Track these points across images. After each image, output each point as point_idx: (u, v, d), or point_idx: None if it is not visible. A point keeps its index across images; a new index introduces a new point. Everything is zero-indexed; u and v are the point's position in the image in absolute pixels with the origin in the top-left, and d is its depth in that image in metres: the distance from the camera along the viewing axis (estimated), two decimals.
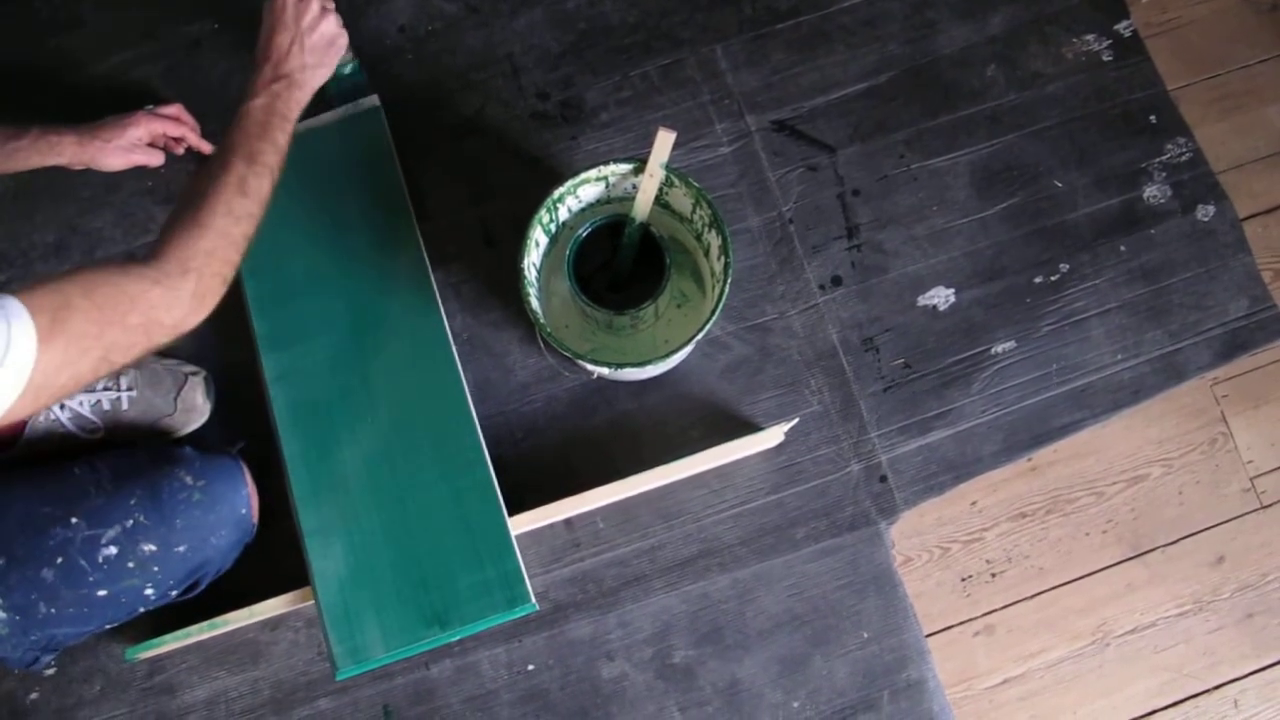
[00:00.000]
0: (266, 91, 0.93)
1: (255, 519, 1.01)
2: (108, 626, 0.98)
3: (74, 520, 0.93)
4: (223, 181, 0.85)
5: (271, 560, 1.05)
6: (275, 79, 0.95)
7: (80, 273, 0.74)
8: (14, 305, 0.67)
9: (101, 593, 0.93)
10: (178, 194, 0.99)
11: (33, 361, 0.67)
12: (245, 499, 0.99)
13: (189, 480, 0.96)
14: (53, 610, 0.92)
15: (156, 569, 0.94)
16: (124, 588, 0.94)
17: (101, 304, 0.73)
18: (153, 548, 0.93)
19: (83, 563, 0.92)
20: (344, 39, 1.03)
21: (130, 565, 0.93)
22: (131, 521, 0.93)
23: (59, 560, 0.92)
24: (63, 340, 0.69)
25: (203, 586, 0.99)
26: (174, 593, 0.97)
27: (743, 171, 1.16)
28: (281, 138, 0.92)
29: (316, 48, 0.99)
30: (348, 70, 1.13)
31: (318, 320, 1.09)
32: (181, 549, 0.94)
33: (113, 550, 0.92)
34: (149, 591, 0.95)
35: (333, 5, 1.01)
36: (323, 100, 1.12)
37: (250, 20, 1.22)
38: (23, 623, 0.92)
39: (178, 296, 0.78)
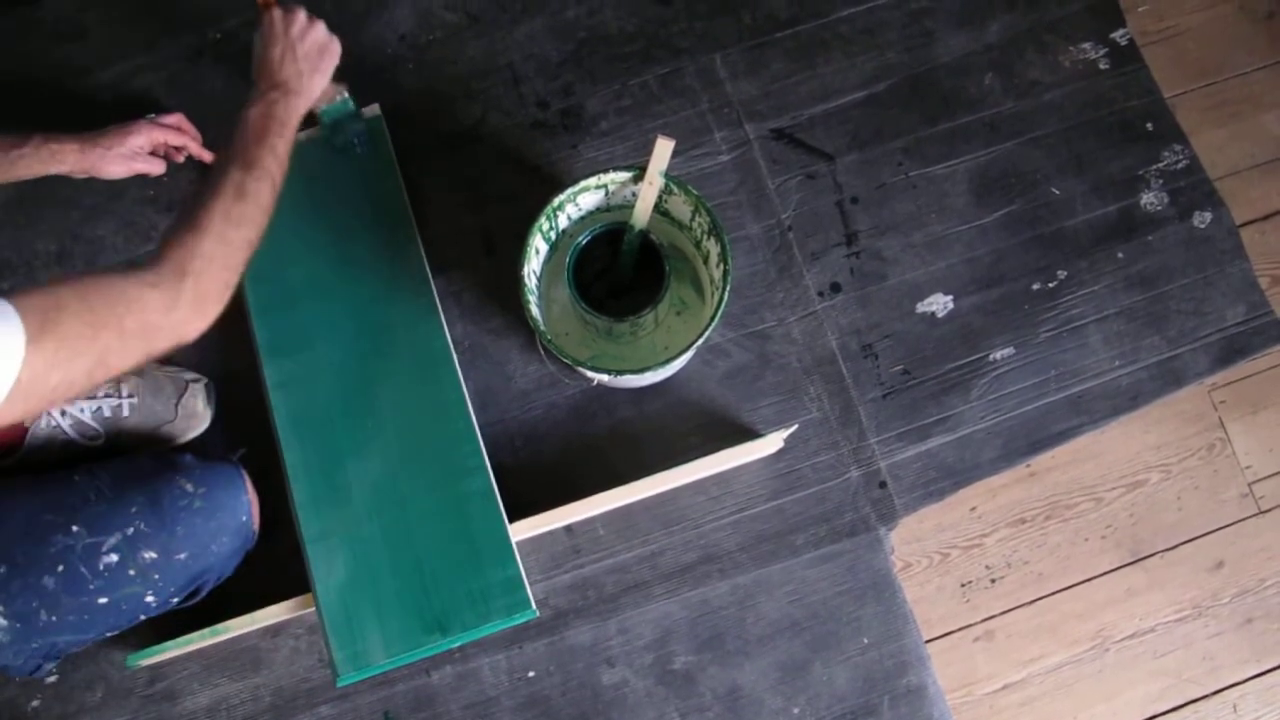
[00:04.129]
0: (263, 101, 0.94)
1: (256, 526, 1.01)
2: (109, 634, 0.98)
3: (75, 528, 0.93)
4: (220, 187, 0.85)
5: (273, 567, 1.05)
6: (271, 88, 0.96)
7: (76, 276, 0.74)
8: (1, 305, 0.66)
9: (102, 600, 0.93)
10: (180, 205, 0.99)
11: (20, 361, 0.66)
12: (246, 506, 0.99)
13: (190, 488, 0.96)
14: (54, 618, 0.92)
15: (157, 576, 0.94)
16: (125, 595, 0.94)
17: (95, 306, 0.72)
18: (153, 555, 0.93)
19: (84, 570, 0.92)
20: (336, 45, 1.03)
21: (131, 573, 0.93)
22: (132, 529, 0.93)
23: (60, 568, 0.92)
24: (53, 341, 0.68)
25: (204, 594, 0.99)
26: (175, 600, 0.97)
27: (742, 179, 1.16)
28: (280, 144, 0.92)
29: (309, 55, 1.00)
30: (338, 104, 1.12)
31: (319, 328, 1.09)
32: (182, 556, 0.95)
33: (114, 558, 0.92)
34: (150, 599, 0.95)
35: (321, 20, 1.02)
36: (311, 121, 1.12)
37: (252, 29, 1.22)
38: (24, 630, 0.92)
39: (176, 300, 0.78)
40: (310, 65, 1.00)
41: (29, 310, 0.67)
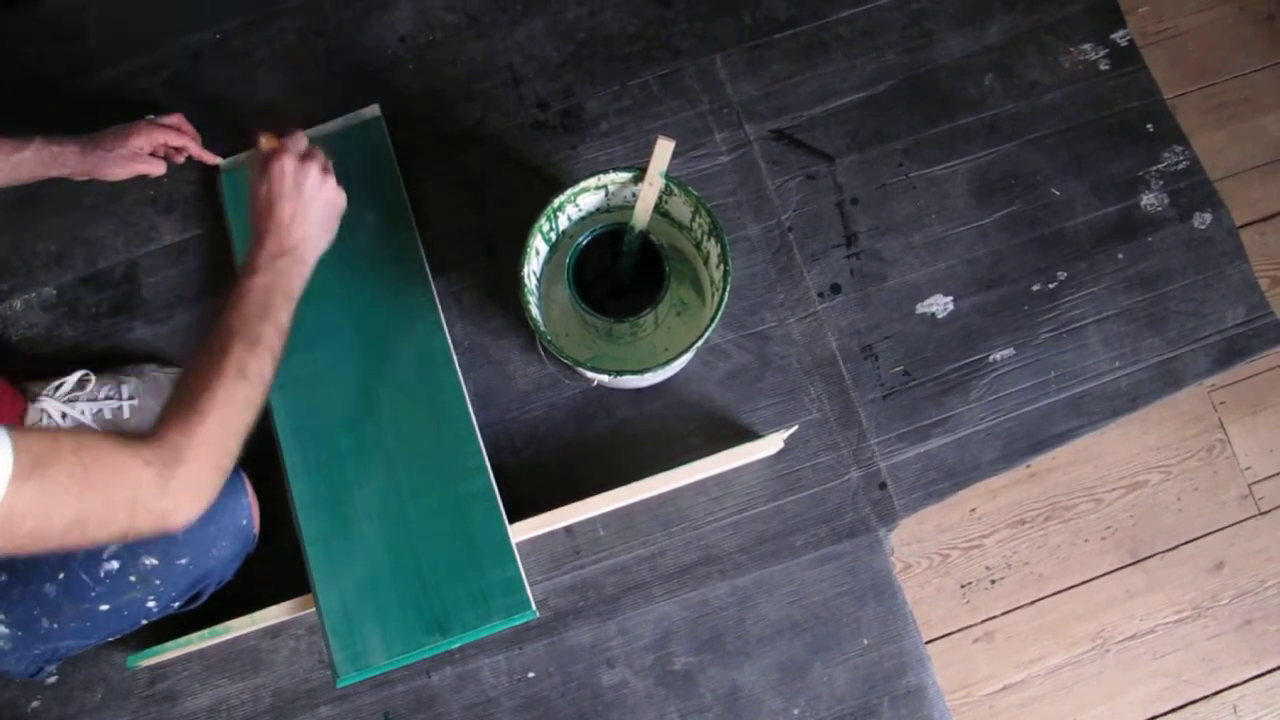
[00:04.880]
0: (270, 268, 0.89)
1: (256, 529, 1.01)
2: (110, 638, 0.98)
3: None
4: (222, 368, 0.81)
5: (273, 568, 1.05)
6: (279, 254, 0.90)
7: (80, 432, 0.73)
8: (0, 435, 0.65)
9: (104, 607, 0.93)
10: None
11: (1, 494, 0.64)
12: (246, 509, 0.99)
13: None
14: (55, 625, 0.92)
15: (158, 581, 0.94)
16: (126, 601, 0.94)
17: (89, 465, 0.69)
18: (154, 561, 0.93)
19: (84, 577, 0.92)
20: (343, 202, 0.98)
21: (132, 579, 0.93)
22: None
23: (60, 575, 0.92)
24: (38, 485, 0.66)
25: (205, 597, 0.99)
26: (176, 604, 0.97)
27: (742, 180, 1.17)
28: (284, 316, 0.88)
29: (320, 217, 0.94)
30: None
31: (319, 328, 1.09)
32: (183, 561, 0.94)
33: (114, 564, 0.92)
34: (151, 604, 0.95)
35: (331, 168, 0.97)
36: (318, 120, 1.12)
37: (252, 30, 1.23)
38: (25, 638, 0.92)
39: (167, 486, 0.74)
40: (320, 229, 0.94)
41: (24, 449, 0.66)
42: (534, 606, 1.01)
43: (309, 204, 0.92)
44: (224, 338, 0.84)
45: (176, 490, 0.75)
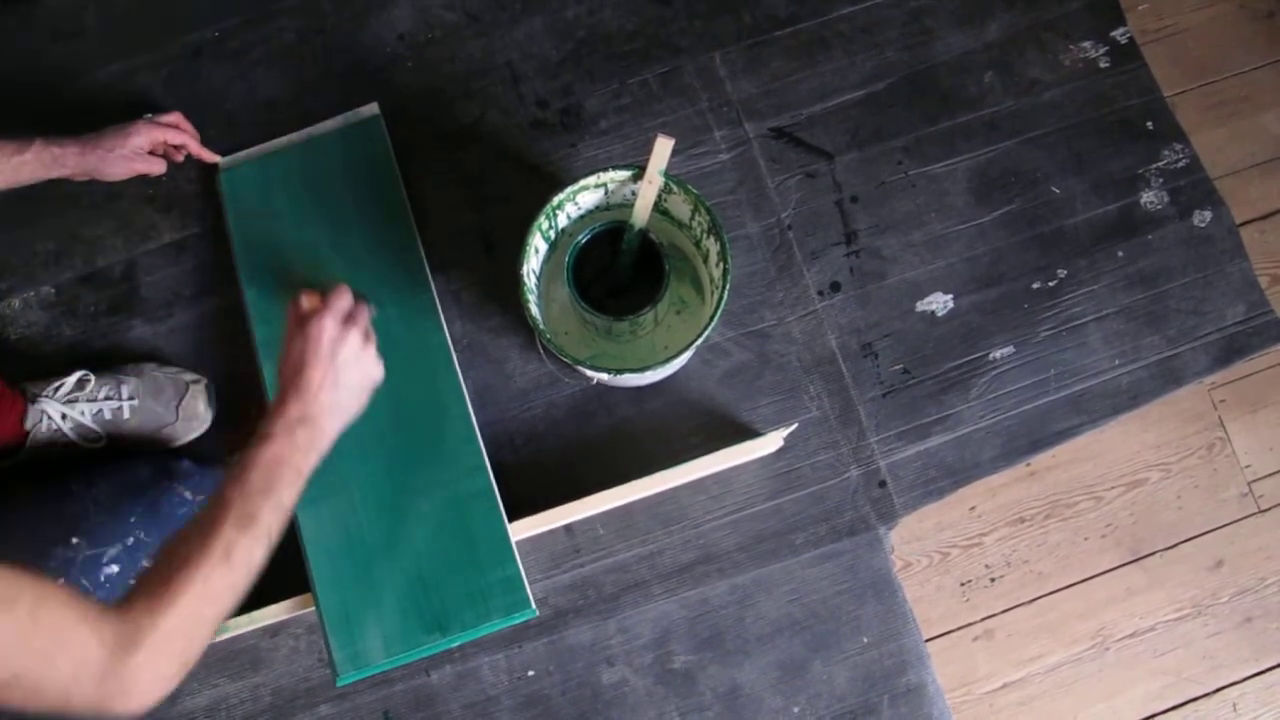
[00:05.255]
0: (285, 437, 0.82)
1: None
2: None
3: (74, 540, 0.92)
4: (208, 547, 0.74)
5: (272, 567, 1.04)
6: (299, 421, 0.83)
7: (51, 586, 0.66)
8: None
9: None
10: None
11: None
12: None
13: (188, 495, 0.96)
14: None
15: None
16: None
17: (40, 621, 0.64)
18: None
19: (85, 582, 0.92)
20: (380, 373, 0.91)
21: (132, 582, 0.93)
22: (132, 539, 0.93)
23: (61, 581, 0.91)
24: None
25: None
26: None
27: (741, 178, 1.16)
28: (289, 494, 0.81)
29: (352, 388, 0.87)
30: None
31: None
32: None
33: (114, 569, 0.92)
34: None
35: (374, 335, 0.91)
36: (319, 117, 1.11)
37: (250, 28, 1.23)
38: None
39: (118, 671, 0.67)
40: (349, 400, 0.87)
41: None
42: (533, 605, 1.01)
43: (341, 371, 0.86)
44: (218, 511, 0.77)
45: (126, 678, 0.67)
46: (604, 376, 1.04)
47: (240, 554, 0.75)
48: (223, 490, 0.79)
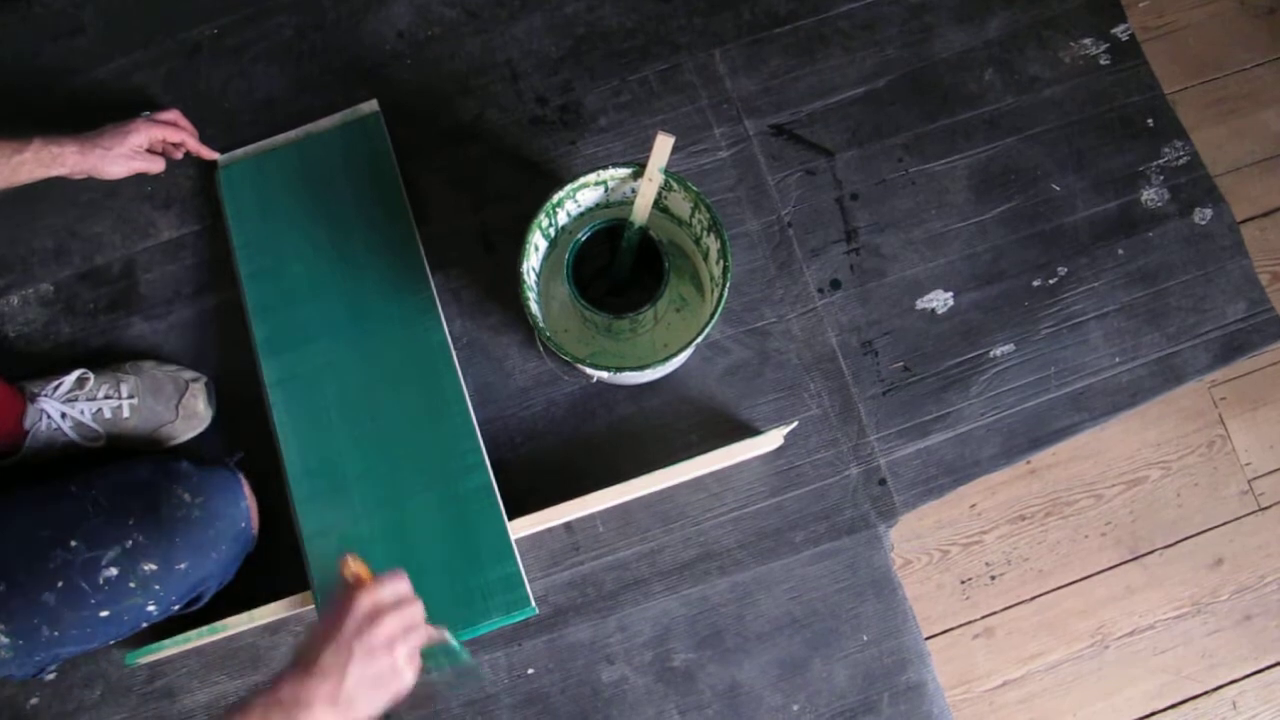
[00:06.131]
0: (277, 710, 0.70)
1: (255, 530, 1.01)
2: (111, 642, 0.98)
3: (73, 543, 0.92)
4: None
5: (272, 565, 1.05)
6: (291, 703, 0.70)
7: None
8: None
9: (103, 613, 0.93)
10: None
11: None
12: (245, 512, 0.99)
13: (187, 497, 0.95)
14: (55, 632, 0.92)
15: (158, 587, 0.94)
16: (126, 607, 0.93)
17: None
18: (153, 566, 0.93)
19: (84, 585, 0.91)
20: (408, 684, 0.75)
21: (131, 585, 0.93)
22: (131, 541, 0.93)
23: (59, 584, 0.91)
24: None
25: (205, 600, 0.99)
26: (176, 607, 0.97)
27: (741, 175, 1.16)
28: None
29: (365, 681, 0.72)
30: (439, 649, 0.85)
31: (317, 325, 1.09)
32: (182, 566, 0.94)
33: (113, 571, 0.92)
34: (151, 608, 0.95)
35: (420, 633, 0.77)
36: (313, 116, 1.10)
37: (249, 25, 1.22)
38: (26, 646, 0.92)
39: None
40: (362, 694, 0.72)
41: None
42: (533, 603, 1.00)
43: (364, 661, 0.72)
44: None
45: None
46: (604, 374, 1.04)
47: None
48: None
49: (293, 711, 0.69)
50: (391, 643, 0.73)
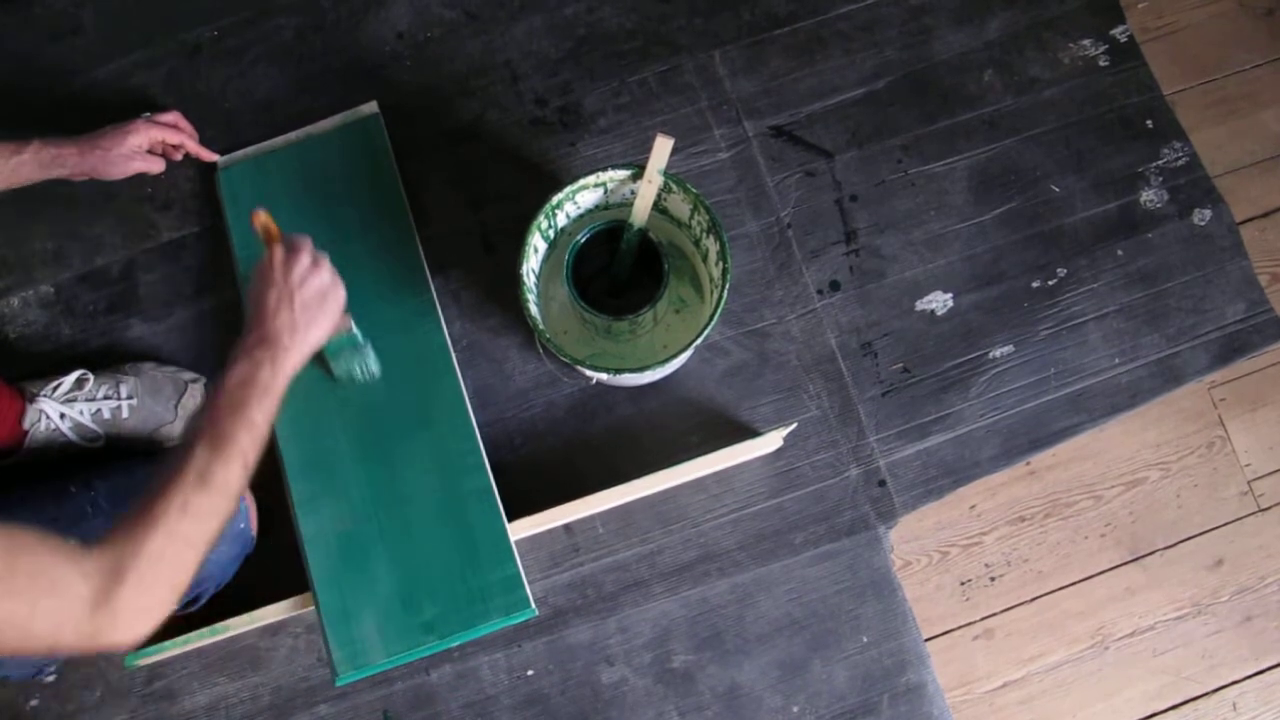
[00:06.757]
0: (247, 359, 0.82)
1: (254, 531, 1.01)
2: None
3: (72, 542, 0.92)
4: (183, 470, 0.75)
5: (272, 566, 1.05)
6: (258, 343, 0.84)
7: (17, 530, 0.66)
8: None
9: None
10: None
11: None
12: (244, 513, 0.99)
13: None
14: None
15: None
16: None
17: (17, 568, 0.64)
18: None
19: None
20: (340, 292, 0.91)
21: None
22: None
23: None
24: None
25: (204, 601, 0.99)
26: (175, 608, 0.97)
27: (741, 177, 1.16)
28: (260, 416, 0.80)
29: (308, 305, 0.87)
30: (344, 337, 1.00)
31: None
32: None
33: None
34: None
35: (326, 258, 0.92)
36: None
37: (249, 26, 1.23)
38: None
39: (106, 602, 0.68)
40: (308, 317, 0.87)
41: None
42: (533, 604, 1.00)
43: (296, 291, 0.86)
44: (190, 438, 0.78)
45: (114, 609, 0.68)
46: (603, 376, 1.04)
47: (216, 475, 0.75)
48: (193, 421, 0.79)
49: (267, 351, 0.83)
50: (311, 267, 0.88)
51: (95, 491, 0.95)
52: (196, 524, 0.74)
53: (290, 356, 0.85)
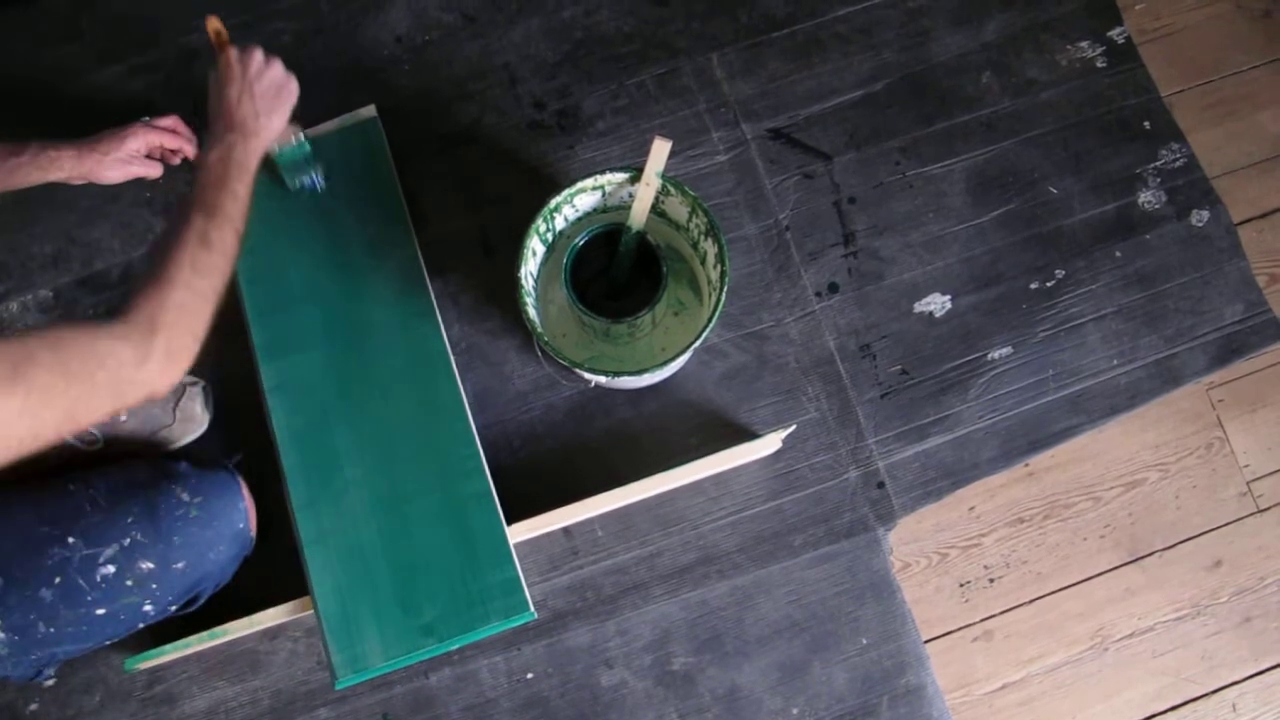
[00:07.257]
0: (220, 144, 0.93)
1: (253, 532, 1.01)
2: (108, 642, 0.97)
3: (71, 540, 0.92)
4: (184, 236, 0.84)
5: (271, 570, 1.05)
6: (228, 129, 0.94)
7: (49, 329, 0.74)
8: None
9: (100, 611, 0.93)
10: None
11: None
12: (243, 513, 0.99)
13: (185, 497, 0.96)
14: (52, 630, 0.92)
15: (155, 586, 0.94)
16: (123, 605, 0.93)
17: (67, 359, 0.71)
18: (150, 565, 0.93)
19: (81, 582, 0.92)
20: (293, 84, 1.01)
21: (129, 583, 0.93)
22: (129, 540, 0.93)
23: (57, 580, 0.91)
24: (23, 390, 0.67)
25: (202, 601, 0.99)
26: (173, 608, 0.97)
27: (739, 179, 1.16)
28: (240, 187, 0.91)
29: (265, 95, 0.98)
30: (293, 146, 1.09)
31: (316, 330, 1.09)
32: (179, 566, 0.94)
33: (110, 569, 0.92)
34: (148, 608, 0.95)
35: (276, 60, 1.00)
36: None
37: (248, 31, 1.23)
38: (22, 643, 0.92)
39: (148, 355, 0.77)
40: (267, 106, 0.98)
41: (0, 359, 0.67)
42: (532, 607, 1.00)
43: (253, 84, 0.97)
44: (183, 211, 0.87)
45: (156, 359, 0.77)
46: (602, 379, 1.04)
47: (214, 237, 0.85)
48: (184, 198, 0.90)
49: (238, 134, 0.93)
50: (265, 63, 0.98)
51: (95, 489, 0.95)
52: (205, 279, 0.83)
53: (258, 140, 0.95)
